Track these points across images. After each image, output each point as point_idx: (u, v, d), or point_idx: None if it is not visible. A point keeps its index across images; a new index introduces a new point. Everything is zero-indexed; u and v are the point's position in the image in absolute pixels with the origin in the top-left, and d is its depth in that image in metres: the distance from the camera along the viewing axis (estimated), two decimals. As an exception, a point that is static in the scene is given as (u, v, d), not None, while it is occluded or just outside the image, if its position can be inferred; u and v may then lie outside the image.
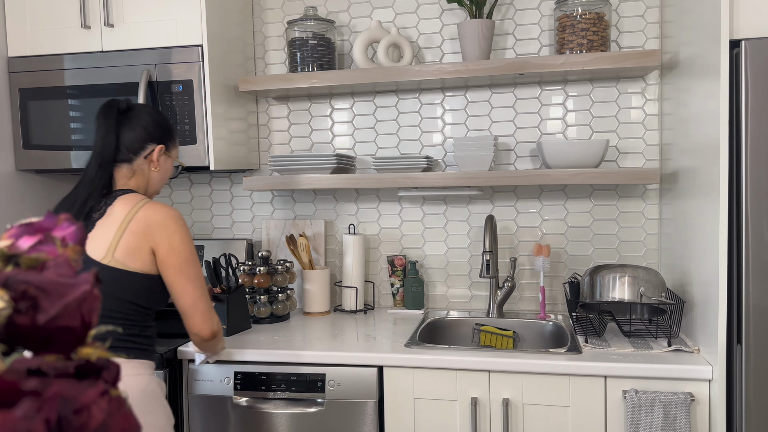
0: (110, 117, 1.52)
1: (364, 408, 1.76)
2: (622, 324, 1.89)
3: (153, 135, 1.55)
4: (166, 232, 1.44)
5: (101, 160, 1.50)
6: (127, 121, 1.53)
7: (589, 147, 1.97)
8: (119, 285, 1.41)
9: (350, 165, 2.29)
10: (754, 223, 1.51)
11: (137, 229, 1.42)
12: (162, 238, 1.43)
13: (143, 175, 1.56)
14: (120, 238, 1.41)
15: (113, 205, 1.46)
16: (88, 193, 1.48)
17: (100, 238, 1.42)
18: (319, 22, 2.21)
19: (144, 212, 1.44)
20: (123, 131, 1.52)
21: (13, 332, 0.39)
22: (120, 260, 1.41)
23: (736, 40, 1.52)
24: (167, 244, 1.44)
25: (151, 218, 1.43)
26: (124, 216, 1.43)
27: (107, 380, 0.39)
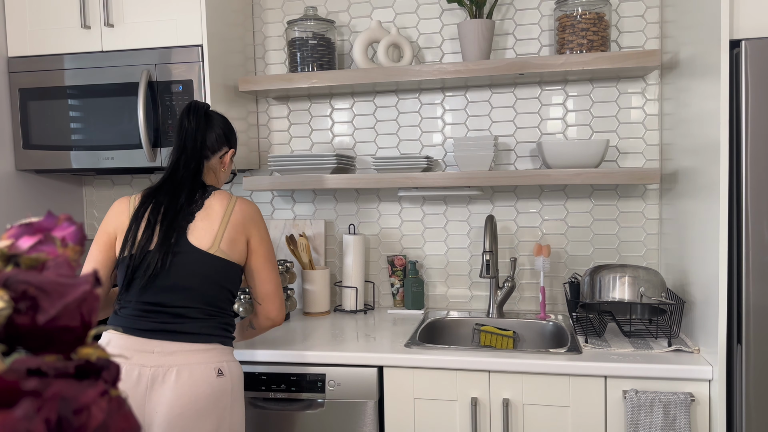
0: (200, 116, 1.61)
1: (364, 408, 1.76)
2: (622, 324, 1.89)
3: (228, 138, 1.68)
4: (257, 225, 1.59)
5: (195, 154, 1.58)
6: (209, 122, 1.63)
7: (589, 147, 1.98)
8: (223, 274, 1.52)
9: (350, 165, 2.29)
10: (754, 223, 1.51)
11: (237, 222, 1.54)
12: (255, 230, 1.58)
13: (215, 173, 1.66)
14: (224, 230, 1.52)
15: (210, 199, 1.56)
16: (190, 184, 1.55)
17: (205, 230, 1.51)
18: (319, 22, 2.21)
19: (240, 206, 1.56)
20: (208, 131, 1.62)
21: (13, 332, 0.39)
22: (224, 251, 1.52)
23: (736, 40, 1.52)
24: (259, 236, 1.58)
25: (247, 211, 1.57)
26: (224, 210, 1.54)
27: (107, 380, 0.39)
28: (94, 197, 2.59)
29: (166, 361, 1.44)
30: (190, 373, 1.44)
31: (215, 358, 1.49)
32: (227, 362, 1.51)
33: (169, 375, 1.43)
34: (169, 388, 1.42)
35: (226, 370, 1.50)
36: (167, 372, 1.43)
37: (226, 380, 1.49)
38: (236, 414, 1.52)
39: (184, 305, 1.48)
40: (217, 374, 1.47)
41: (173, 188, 1.54)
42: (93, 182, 2.59)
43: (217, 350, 1.50)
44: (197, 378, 1.44)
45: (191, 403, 1.42)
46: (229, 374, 1.50)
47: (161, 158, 2.06)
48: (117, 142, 2.08)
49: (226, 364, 1.51)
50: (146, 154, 2.04)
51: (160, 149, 2.05)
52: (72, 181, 2.52)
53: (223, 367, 1.49)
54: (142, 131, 2.02)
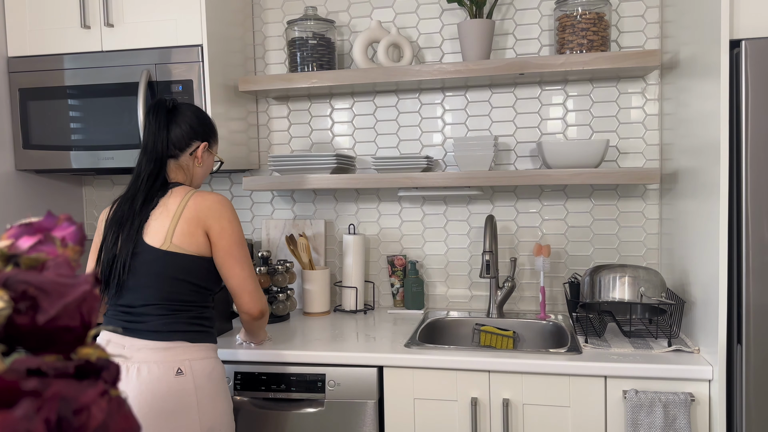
0: (161, 115, 1.59)
1: (364, 408, 1.76)
2: (622, 324, 1.89)
3: (198, 132, 1.63)
4: (216, 216, 1.53)
5: (155, 156, 1.57)
6: (174, 118, 1.60)
7: (589, 147, 1.97)
8: (179, 268, 1.50)
9: (350, 165, 2.29)
10: (754, 223, 1.51)
11: (190, 216, 1.51)
12: (213, 222, 1.53)
13: (188, 170, 1.64)
14: (176, 225, 1.50)
15: (165, 197, 1.55)
16: (148, 187, 1.55)
17: (158, 228, 1.51)
18: (319, 22, 2.21)
19: (194, 200, 1.53)
20: (171, 129, 1.59)
21: (13, 332, 0.39)
22: (177, 245, 1.50)
23: (736, 40, 1.52)
24: (218, 227, 1.53)
25: (202, 204, 1.53)
26: (177, 205, 1.52)
27: (107, 380, 0.39)
28: (94, 197, 2.59)
29: (133, 357, 1.45)
30: (149, 371, 1.44)
31: (175, 357, 1.46)
32: (190, 360, 1.48)
33: (132, 371, 1.44)
34: (131, 384, 1.43)
35: (188, 368, 1.47)
36: (130, 368, 1.44)
37: (187, 380, 1.46)
38: (210, 412, 1.48)
39: (145, 303, 1.49)
40: (175, 373, 1.45)
41: (133, 194, 1.56)
42: (93, 182, 2.59)
43: (180, 348, 1.48)
44: (155, 377, 1.44)
45: (150, 402, 1.42)
46: (191, 373, 1.47)
47: (161, 158, 2.06)
48: (117, 142, 2.08)
49: (189, 363, 1.47)
50: (146, 154, 2.04)
51: (160, 149, 2.05)
52: (72, 181, 2.52)
53: (184, 366, 1.46)
54: (142, 131, 2.02)
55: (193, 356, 1.49)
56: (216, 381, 1.52)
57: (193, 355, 1.49)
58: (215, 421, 1.50)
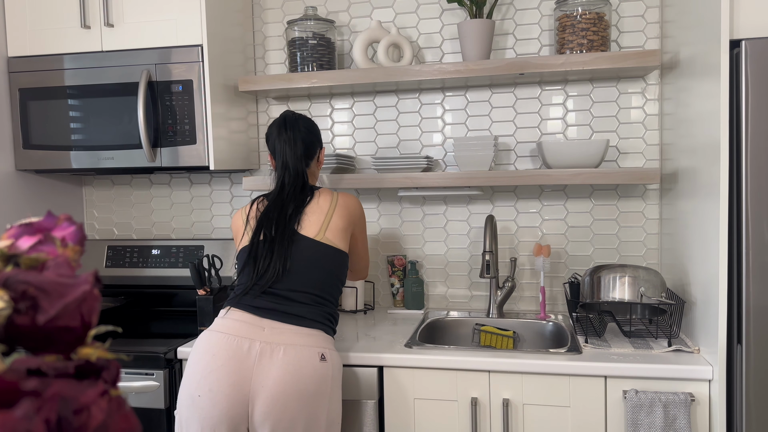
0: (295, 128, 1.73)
1: (364, 408, 1.76)
2: (622, 324, 1.89)
3: (320, 139, 1.81)
4: (361, 217, 1.78)
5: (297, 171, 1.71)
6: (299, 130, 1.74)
7: (589, 147, 1.98)
8: (329, 259, 1.65)
9: (350, 165, 2.29)
10: (754, 223, 1.51)
11: (343, 213, 1.70)
12: (359, 222, 1.77)
13: (314, 174, 1.81)
14: (330, 221, 1.67)
15: (316, 195, 1.71)
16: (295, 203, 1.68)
17: (312, 221, 1.66)
18: (319, 22, 2.21)
19: (343, 199, 1.72)
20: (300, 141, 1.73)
21: (13, 332, 0.39)
22: (329, 238, 1.66)
23: (736, 40, 1.52)
24: (360, 227, 1.79)
25: (352, 206, 1.74)
26: (329, 203, 1.69)
27: (107, 380, 0.39)
28: (94, 197, 2.59)
29: (276, 338, 1.52)
30: (296, 353, 1.51)
31: (319, 344, 1.56)
32: (329, 350, 1.58)
33: (277, 352, 1.50)
34: (276, 364, 1.48)
35: (329, 356, 1.57)
36: (275, 349, 1.50)
37: (328, 366, 1.55)
38: (335, 403, 1.57)
39: (293, 289, 1.59)
40: (320, 358, 1.54)
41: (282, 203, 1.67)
42: (93, 182, 2.59)
43: (321, 337, 1.58)
44: (302, 358, 1.51)
45: (295, 382, 1.48)
46: (331, 361, 1.57)
47: (161, 158, 2.06)
48: (117, 142, 2.08)
49: (329, 352, 1.57)
50: (146, 154, 2.04)
51: (160, 149, 2.05)
52: (72, 181, 2.52)
53: (326, 353, 1.56)
54: (142, 131, 2.02)
55: (330, 347, 1.60)
56: (341, 374, 1.63)
57: (330, 345, 1.60)
58: (336, 412, 1.58)
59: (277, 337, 1.52)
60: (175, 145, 2.04)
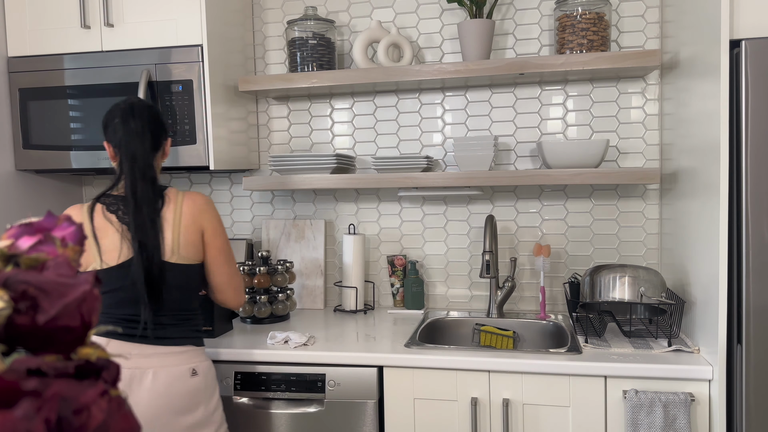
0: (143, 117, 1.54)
1: (364, 408, 1.76)
2: (622, 324, 1.89)
3: (166, 129, 1.63)
4: (209, 217, 1.58)
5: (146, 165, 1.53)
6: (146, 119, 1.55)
7: (589, 147, 1.97)
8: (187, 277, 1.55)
9: (350, 165, 2.29)
10: (754, 223, 1.51)
11: (188, 223, 1.55)
12: (207, 223, 1.58)
13: (158, 169, 1.62)
14: (179, 236, 1.53)
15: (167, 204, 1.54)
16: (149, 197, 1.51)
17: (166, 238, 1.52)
18: (319, 22, 2.21)
19: (186, 204, 1.56)
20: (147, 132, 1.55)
21: (13, 332, 0.39)
22: (184, 255, 1.54)
23: (736, 40, 1.52)
24: (212, 228, 1.58)
25: (194, 207, 1.56)
26: (174, 213, 1.54)
27: (107, 380, 0.39)
28: (94, 197, 2.59)
29: (143, 363, 1.49)
30: (167, 374, 1.50)
31: (189, 360, 1.55)
32: (200, 362, 1.58)
33: (146, 377, 1.48)
34: (146, 389, 1.47)
35: (200, 369, 1.57)
36: (144, 374, 1.48)
37: (200, 379, 1.56)
38: (211, 405, 1.59)
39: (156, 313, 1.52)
40: (191, 374, 1.53)
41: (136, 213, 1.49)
42: (93, 182, 2.59)
43: (191, 352, 1.56)
44: (173, 379, 1.50)
45: (168, 404, 1.48)
46: (203, 373, 1.57)
47: (161, 158, 2.06)
48: (117, 142, 2.08)
49: (200, 364, 1.57)
50: (146, 154, 2.04)
51: (160, 149, 2.05)
52: (72, 181, 2.52)
53: (197, 367, 1.56)
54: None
55: (200, 358, 1.59)
56: (214, 379, 1.64)
57: (200, 357, 1.59)
58: (218, 412, 1.61)
59: (144, 362, 1.48)
60: (175, 145, 2.04)
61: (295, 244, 2.39)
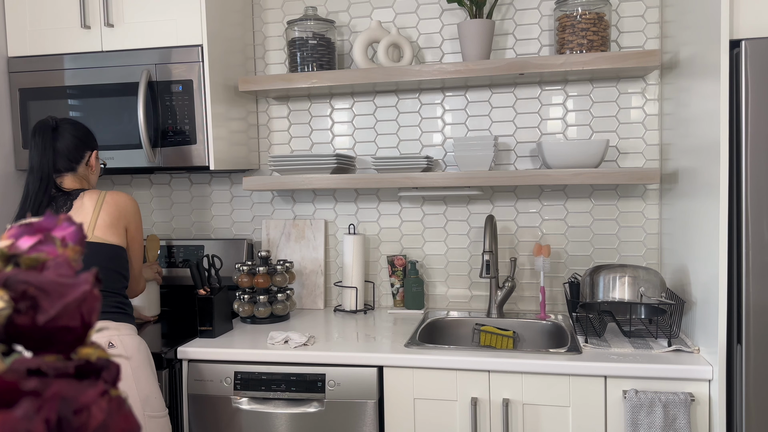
0: (46, 135, 1.70)
1: (364, 408, 1.76)
2: (622, 324, 1.89)
3: (86, 143, 1.77)
4: (134, 215, 1.75)
5: (42, 175, 1.68)
6: (59, 136, 1.72)
7: (589, 147, 1.98)
8: (103, 256, 1.65)
9: (350, 165, 2.29)
10: (754, 223, 1.51)
11: (111, 210, 1.68)
12: (132, 220, 1.74)
13: (86, 179, 1.78)
14: (97, 218, 1.66)
15: (79, 198, 1.69)
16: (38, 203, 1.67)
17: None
18: (319, 22, 2.21)
19: (112, 197, 1.70)
20: (58, 146, 1.71)
21: (13, 332, 0.39)
22: (99, 236, 1.65)
23: (736, 40, 1.52)
24: (134, 226, 1.75)
25: (121, 202, 1.71)
26: (95, 202, 1.68)
27: (107, 380, 0.39)
28: (94, 197, 2.59)
29: None
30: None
31: (103, 334, 1.58)
32: (119, 335, 1.61)
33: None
34: None
35: (118, 342, 1.60)
36: None
37: (119, 351, 1.58)
38: (143, 380, 1.60)
39: None
40: (108, 347, 1.57)
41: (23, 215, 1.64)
42: (93, 182, 2.58)
43: (110, 325, 1.61)
44: None
45: None
46: (122, 345, 1.59)
47: (161, 158, 2.06)
48: (117, 142, 2.08)
49: (118, 338, 1.60)
50: (146, 154, 2.04)
51: (160, 149, 2.05)
52: (72, 181, 2.51)
53: (114, 340, 1.59)
54: (142, 131, 2.02)
55: (120, 332, 1.62)
56: (144, 354, 1.65)
57: (120, 331, 1.63)
58: (150, 390, 1.62)
59: None
60: (175, 145, 2.04)
61: (295, 244, 2.39)
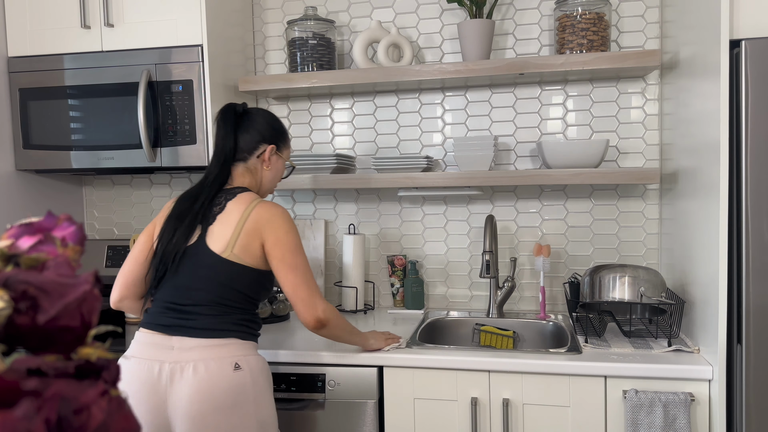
0: (229, 120, 1.65)
1: (364, 408, 1.76)
2: (622, 324, 1.89)
3: (265, 136, 1.68)
4: (273, 228, 1.56)
5: (221, 160, 1.63)
6: (242, 123, 1.66)
7: (589, 147, 1.98)
8: (235, 277, 1.54)
9: (350, 165, 2.29)
10: (754, 223, 1.51)
11: (251, 228, 1.55)
12: (269, 233, 1.56)
13: (256, 173, 1.68)
14: (238, 236, 1.54)
15: (232, 201, 1.58)
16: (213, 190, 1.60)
17: (221, 234, 1.55)
18: (319, 22, 2.21)
19: (256, 212, 1.56)
20: (239, 133, 1.65)
21: (13, 332, 0.39)
22: (237, 255, 1.53)
23: (736, 40, 1.52)
24: (273, 238, 1.56)
25: (261, 216, 1.56)
26: (240, 215, 1.56)
27: (107, 380, 0.39)
28: (94, 197, 2.59)
29: (184, 356, 1.46)
30: (206, 367, 1.45)
31: (232, 353, 1.49)
32: (245, 356, 1.51)
33: (187, 370, 1.45)
34: (187, 383, 1.44)
35: (244, 363, 1.50)
36: (184, 368, 1.45)
37: (245, 374, 1.49)
38: (264, 406, 1.51)
39: (195, 303, 1.52)
40: (234, 368, 1.48)
41: (197, 193, 1.60)
42: (93, 182, 2.59)
43: (235, 345, 1.51)
44: (214, 372, 1.45)
45: (210, 398, 1.44)
46: (248, 367, 1.50)
47: (161, 158, 2.06)
48: (117, 142, 2.08)
49: (244, 359, 1.50)
50: (146, 154, 2.04)
51: (160, 149, 2.05)
52: (72, 181, 2.52)
53: (241, 361, 1.49)
54: (142, 131, 2.02)
55: (246, 352, 1.52)
56: (266, 377, 1.56)
57: (246, 351, 1.53)
58: (267, 414, 1.53)
59: (185, 355, 1.46)
60: (175, 145, 2.04)
61: (295, 244, 2.39)
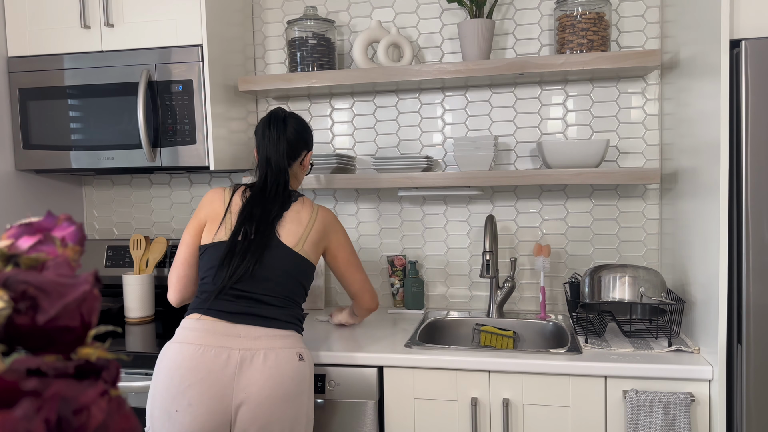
0: (279, 126, 1.71)
1: (364, 408, 1.76)
2: (622, 324, 1.89)
3: (307, 142, 1.78)
4: (336, 231, 1.73)
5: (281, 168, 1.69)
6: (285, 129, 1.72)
7: (590, 147, 1.98)
8: (301, 270, 1.64)
9: (350, 165, 2.29)
10: (754, 223, 1.51)
11: (319, 228, 1.68)
12: (333, 236, 1.72)
13: (296, 177, 1.78)
14: (309, 233, 1.65)
15: (296, 203, 1.68)
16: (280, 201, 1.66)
17: (292, 230, 1.64)
18: (319, 22, 2.21)
19: (322, 214, 1.70)
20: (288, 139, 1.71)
21: (13, 332, 0.39)
22: (306, 251, 1.64)
23: (736, 40, 1.52)
24: (336, 241, 1.72)
25: (327, 219, 1.71)
26: (310, 215, 1.68)
27: (107, 380, 0.39)
28: (94, 197, 2.59)
29: (253, 344, 1.52)
30: (276, 356, 1.52)
31: (295, 344, 1.58)
32: (304, 349, 1.60)
33: (257, 358, 1.50)
34: (257, 370, 1.49)
35: (305, 356, 1.59)
36: (255, 355, 1.51)
37: (306, 365, 1.57)
38: (311, 399, 1.60)
39: (266, 293, 1.58)
40: (299, 359, 1.56)
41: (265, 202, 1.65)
42: (93, 182, 2.59)
43: (295, 337, 1.60)
44: (282, 361, 1.52)
45: (278, 386, 1.50)
46: (308, 360, 1.59)
47: (161, 158, 2.06)
48: (117, 142, 2.08)
49: (305, 351, 1.60)
50: (146, 154, 2.04)
51: (160, 149, 2.05)
52: (72, 181, 2.52)
53: (303, 353, 1.58)
54: (142, 131, 2.02)
55: (304, 346, 1.62)
56: (313, 372, 1.65)
57: (303, 345, 1.62)
58: (312, 408, 1.61)
59: (254, 343, 1.52)
60: (175, 145, 2.04)
61: (295, 244, 2.39)
